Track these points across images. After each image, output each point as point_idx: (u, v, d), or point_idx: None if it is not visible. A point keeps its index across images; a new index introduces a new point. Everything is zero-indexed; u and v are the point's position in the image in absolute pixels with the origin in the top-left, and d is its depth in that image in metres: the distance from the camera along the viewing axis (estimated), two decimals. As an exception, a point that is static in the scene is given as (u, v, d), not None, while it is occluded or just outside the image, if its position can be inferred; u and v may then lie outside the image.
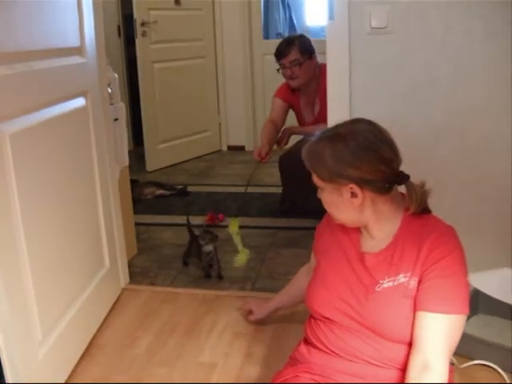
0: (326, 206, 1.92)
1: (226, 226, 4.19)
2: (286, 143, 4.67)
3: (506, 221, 2.80)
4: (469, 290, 1.80)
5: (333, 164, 1.77)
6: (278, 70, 4.42)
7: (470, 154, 2.78)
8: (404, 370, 1.78)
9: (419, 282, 1.77)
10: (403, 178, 1.82)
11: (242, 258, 3.51)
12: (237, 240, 3.50)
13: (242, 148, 6.92)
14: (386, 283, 1.81)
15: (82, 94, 2.82)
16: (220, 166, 6.29)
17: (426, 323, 1.74)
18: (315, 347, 1.97)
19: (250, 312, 2.95)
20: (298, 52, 4.28)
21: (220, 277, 3.51)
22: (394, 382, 1.82)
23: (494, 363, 2.50)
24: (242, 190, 5.04)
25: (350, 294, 1.88)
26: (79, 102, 2.79)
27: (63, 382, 2.54)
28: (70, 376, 2.60)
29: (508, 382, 2.44)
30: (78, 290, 2.74)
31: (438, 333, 1.73)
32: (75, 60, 2.77)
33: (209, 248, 3.50)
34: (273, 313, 2.87)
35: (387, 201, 1.84)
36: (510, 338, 2.51)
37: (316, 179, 1.86)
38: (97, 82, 3.01)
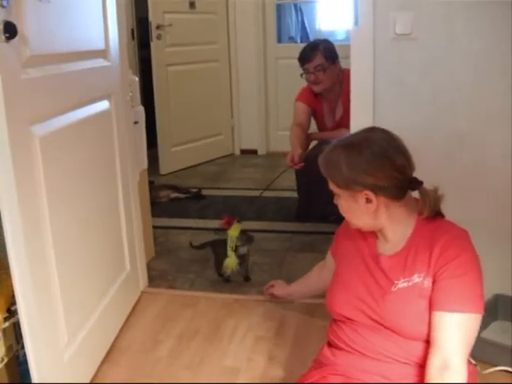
0: (343, 212, 1.97)
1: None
2: (306, 149, 4.58)
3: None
4: (483, 292, 1.82)
5: (348, 171, 1.84)
6: (301, 75, 4.40)
7: (494, 161, 2.77)
8: (424, 365, 1.81)
9: (433, 283, 1.81)
10: (416, 184, 1.89)
11: (231, 263, 3.39)
12: (231, 244, 3.39)
13: (254, 152, 6.92)
14: (401, 284, 1.86)
15: (107, 96, 2.84)
16: (233, 170, 6.30)
17: (442, 322, 1.77)
18: (339, 349, 2.01)
19: (272, 286, 3.18)
20: (323, 57, 4.27)
21: (247, 279, 3.53)
22: (416, 379, 1.84)
23: (509, 367, 2.50)
24: (256, 193, 5.05)
25: (367, 294, 1.93)
26: (104, 104, 2.80)
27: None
28: (94, 378, 2.61)
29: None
30: (101, 293, 2.75)
31: (454, 331, 1.76)
32: (100, 63, 2.79)
33: (244, 250, 3.46)
34: (287, 295, 3.09)
35: (401, 206, 1.90)
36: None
37: (332, 186, 1.92)
38: (120, 85, 3.02)
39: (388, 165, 1.83)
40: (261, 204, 4.81)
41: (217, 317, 3.08)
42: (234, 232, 3.38)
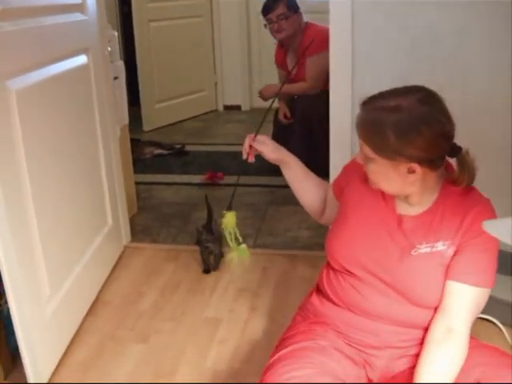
0: (372, 174, 1.81)
1: (225, 185, 4.24)
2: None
3: (503, 180, 2.80)
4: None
5: (395, 141, 1.66)
6: (265, 26, 4.55)
7: (470, 112, 2.78)
8: (424, 330, 1.82)
9: (455, 252, 1.78)
10: (457, 151, 1.76)
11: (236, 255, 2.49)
12: (230, 237, 2.44)
13: (238, 108, 6.90)
14: (424, 248, 1.80)
15: (84, 51, 2.81)
16: (216, 126, 6.30)
17: (456, 292, 1.76)
18: (331, 301, 1.97)
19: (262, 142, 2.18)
20: (285, 6, 4.41)
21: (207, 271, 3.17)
22: (414, 342, 1.85)
23: (494, 317, 2.54)
24: (239, 148, 5.04)
25: (382, 254, 1.85)
26: (81, 59, 2.78)
27: (71, 337, 2.59)
28: (78, 331, 2.64)
29: (507, 335, 2.48)
30: (83, 246, 2.77)
31: (465, 303, 1.76)
32: (77, 17, 2.76)
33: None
34: (280, 159, 2.17)
35: (437, 174, 1.79)
36: (509, 292, 2.54)
37: (367, 150, 1.74)
38: (98, 40, 2.99)
39: (440, 136, 1.68)
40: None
41: (199, 270, 3.11)
42: (230, 220, 2.47)
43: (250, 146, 2.10)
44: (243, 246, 2.32)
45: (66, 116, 2.57)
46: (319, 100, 4.03)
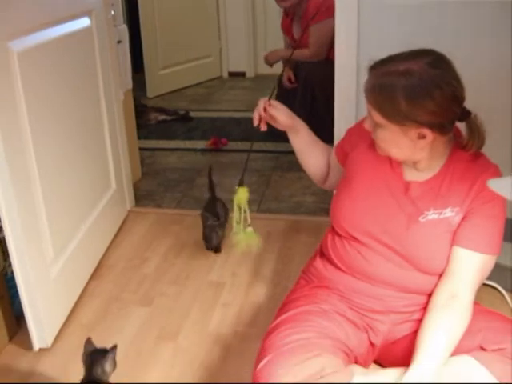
0: (381, 142, 1.78)
1: (230, 151, 4.23)
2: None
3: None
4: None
5: (406, 106, 1.64)
6: None
7: (481, 78, 2.74)
8: (428, 296, 1.83)
9: (462, 218, 1.78)
10: (467, 115, 1.74)
11: (243, 239, 2.16)
12: (239, 216, 2.15)
13: (242, 74, 6.85)
14: (431, 215, 1.80)
15: (87, 13, 2.78)
16: (221, 92, 6.26)
17: (462, 258, 1.77)
18: (335, 265, 1.98)
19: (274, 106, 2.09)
20: None
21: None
22: (418, 307, 1.87)
23: (496, 283, 2.54)
24: (244, 115, 5.04)
25: (389, 221, 1.85)
26: (84, 22, 2.75)
27: (75, 300, 2.60)
28: (82, 294, 2.66)
29: (509, 301, 2.48)
30: (86, 210, 2.77)
31: (471, 269, 1.77)
32: (80, -21, 2.73)
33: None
34: (288, 126, 2.12)
35: (446, 140, 1.77)
36: (510, 257, 2.54)
37: (376, 117, 1.71)
38: (101, 2, 2.96)
39: (452, 100, 1.66)
40: (248, 125, 4.78)
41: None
42: (243, 196, 2.16)
43: (265, 110, 2.03)
44: (250, 229, 2.10)
45: (69, 79, 2.56)
46: (322, 67, 4.01)
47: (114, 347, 1.83)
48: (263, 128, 2.05)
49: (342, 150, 2.09)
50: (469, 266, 1.77)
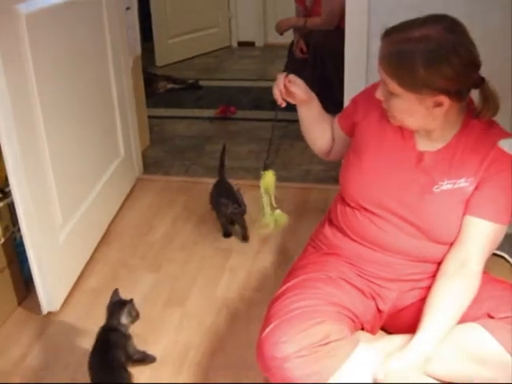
0: (395, 111, 1.75)
1: (238, 119, 4.21)
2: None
3: None
4: None
5: (424, 73, 1.60)
6: None
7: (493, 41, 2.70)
8: (438, 264, 1.83)
9: (475, 187, 1.76)
10: (481, 82, 1.70)
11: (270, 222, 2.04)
12: (267, 201, 2.04)
13: (252, 44, 6.80)
14: (446, 185, 1.78)
15: (96, -22, 2.77)
16: (230, 62, 6.22)
17: (474, 227, 1.76)
18: (344, 233, 1.97)
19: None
20: None
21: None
22: (426, 274, 1.87)
23: (505, 252, 2.54)
24: (253, 84, 5.03)
25: (401, 192, 1.83)
26: (93, -14, 2.74)
27: (83, 265, 2.61)
28: (90, 260, 2.67)
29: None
30: (95, 177, 2.78)
31: (482, 238, 1.76)
32: None
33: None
34: (307, 99, 2.06)
35: (459, 108, 1.74)
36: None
37: (392, 86, 1.67)
38: (109, -33, 2.94)
39: (470, 65, 1.63)
40: (257, 94, 4.81)
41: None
42: (270, 180, 2.02)
43: (285, 86, 1.97)
44: (278, 211, 2.00)
45: (77, 43, 2.55)
46: (333, 35, 3.98)
47: (130, 301, 2.00)
48: (283, 104, 1.99)
49: (348, 120, 2.06)
50: (479, 235, 1.76)
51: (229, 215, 2.81)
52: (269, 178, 1.98)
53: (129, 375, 1.92)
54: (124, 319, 1.98)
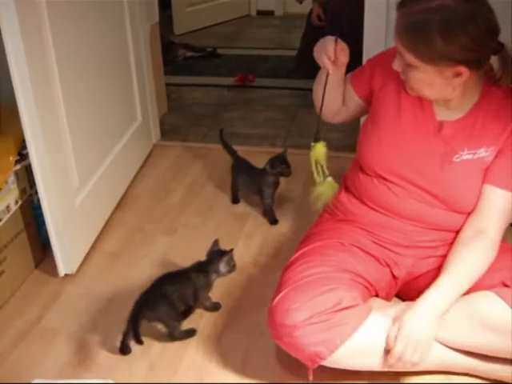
0: (413, 83, 1.72)
1: (256, 87, 4.19)
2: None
3: None
4: None
5: (442, 44, 1.56)
6: None
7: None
8: (455, 233, 1.83)
9: (495, 157, 1.75)
10: (500, 47, 1.66)
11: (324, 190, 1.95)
12: (317, 171, 1.95)
13: (271, 13, 6.73)
14: (466, 155, 1.77)
15: None
16: (249, 30, 6.18)
17: (493, 196, 1.76)
18: (360, 200, 1.98)
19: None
20: None
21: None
22: (443, 241, 1.88)
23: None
24: (272, 53, 5.00)
25: (421, 162, 1.82)
26: (110, -49, 2.73)
27: (100, 229, 2.63)
28: (107, 223, 2.69)
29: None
30: (112, 141, 2.79)
31: (500, 207, 1.76)
32: None
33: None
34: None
35: (477, 76, 1.70)
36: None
37: (409, 58, 1.64)
38: None
39: (492, 37, 1.61)
40: (276, 62, 4.79)
41: (228, 167, 3.06)
42: (321, 151, 1.94)
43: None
44: (329, 179, 1.92)
45: (95, 9, 2.54)
46: (352, 4, 3.93)
47: (230, 251, 2.12)
48: (332, 72, 1.90)
49: (365, 86, 2.02)
50: (498, 204, 1.76)
51: (277, 174, 2.69)
52: (319, 149, 1.92)
53: (176, 315, 2.02)
54: (222, 267, 2.09)
